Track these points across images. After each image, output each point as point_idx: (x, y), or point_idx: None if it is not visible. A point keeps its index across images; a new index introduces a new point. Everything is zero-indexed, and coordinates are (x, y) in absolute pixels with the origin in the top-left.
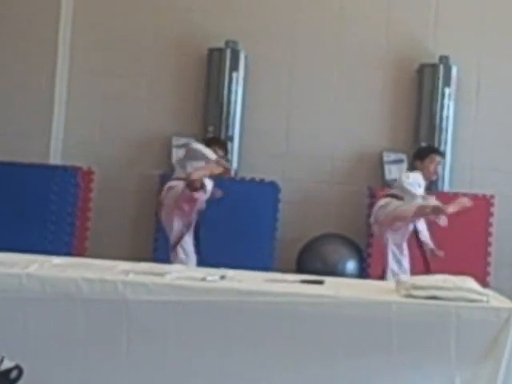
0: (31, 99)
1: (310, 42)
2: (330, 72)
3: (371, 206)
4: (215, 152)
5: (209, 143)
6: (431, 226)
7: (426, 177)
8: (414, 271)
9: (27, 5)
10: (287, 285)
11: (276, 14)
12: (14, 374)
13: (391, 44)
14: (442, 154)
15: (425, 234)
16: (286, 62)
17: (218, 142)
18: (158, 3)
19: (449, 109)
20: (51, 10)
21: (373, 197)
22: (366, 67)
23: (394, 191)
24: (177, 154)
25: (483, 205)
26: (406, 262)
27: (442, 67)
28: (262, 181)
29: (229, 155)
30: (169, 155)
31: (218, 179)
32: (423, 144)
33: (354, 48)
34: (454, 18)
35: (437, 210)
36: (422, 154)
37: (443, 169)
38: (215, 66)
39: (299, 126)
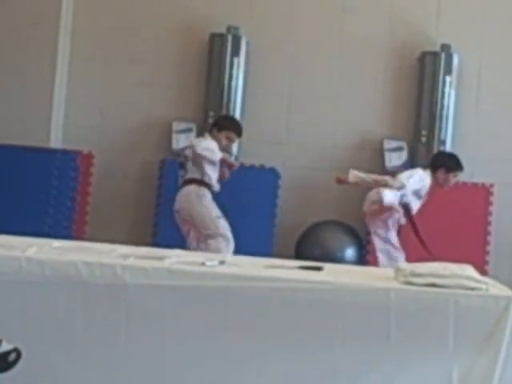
0: (32, 83)
1: (311, 29)
2: (332, 59)
3: None
4: (228, 138)
5: (224, 126)
6: (430, 215)
7: (442, 186)
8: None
9: None
10: (286, 271)
11: (278, 0)
12: (12, 356)
13: (393, 32)
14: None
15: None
16: (288, 49)
17: (233, 126)
18: None
19: (450, 97)
20: None
21: None
22: (367, 55)
23: None
24: (177, 139)
25: (483, 194)
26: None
27: (443, 55)
28: (262, 167)
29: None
30: (169, 141)
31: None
32: (449, 151)
33: (356, 35)
34: (456, 6)
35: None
36: (452, 165)
37: None
38: (216, 51)
39: (300, 113)
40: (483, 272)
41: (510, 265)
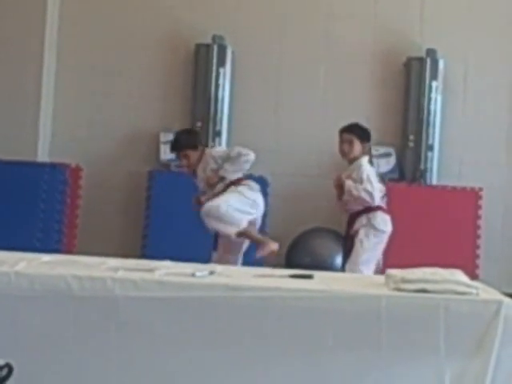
0: (18, 97)
1: (297, 37)
2: (318, 66)
3: None
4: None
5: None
6: (419, 219)
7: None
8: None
9: (14, 3)
10: (276, 279)
11: (262, 8)
12: (4, 372)
13: (378, 38)
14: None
15: None
16: (274, 57)
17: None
18: (144, 0)
19: (436, 102)
20: (38, 9)
21: None
22: (353, 61)
23: None
24: (165, 150)
25: (471, 198)
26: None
27: (429, 61)
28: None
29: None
30: (157, 152)
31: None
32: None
33: (342, 42)
34: (441, 11)
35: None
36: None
37: (431, 162)
38: (202, 61)
39: (287, 121)
40: (474, 276)
41: (500, 268)
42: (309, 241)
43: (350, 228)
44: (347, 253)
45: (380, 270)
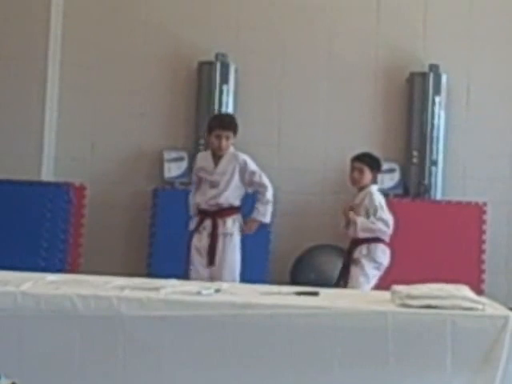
0: (22, 116)
1: (299, 54)
2: (321, 83)
3: None
4: (216, 136)
5: (209, 128)
6: (424, 235)
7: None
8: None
9: (17, 22)
10: (282, 297)
11: (265, 26)
12: None
13: (381, 54)
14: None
15: None
16: (276, 75)
17: (214, 122)
18: (147, 18)
19: (439, 117)
20: (41, 28)
21: None
22: (355, 77)
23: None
24: (169, 168)
25: (476, 212)
26: None
27: (431, 76)
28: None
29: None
30: (161, 170)
31: None
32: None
33: (344, 59)
34: (443, 26)
35: None
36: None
37: (435, 177)
38: (205, 79)
39: (290, 138)
40: (479, 291)
41: (506, 283)
42: (314, 257)
43: (349, 253)
44: (342, 277)
45: None
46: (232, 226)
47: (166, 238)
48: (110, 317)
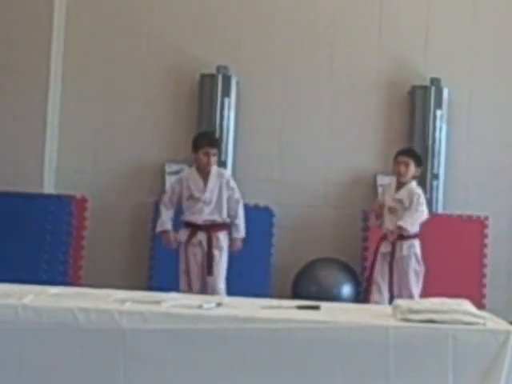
0: (23, 128)
1: (301, 67)
2: (322, 96)
3: (366, 229)
4: (205, 153)
5: (196, 145)
6: (425, 249)
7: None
8: None
9: (19, 34)
10: (283, 311)
11: (266, 38)
12: None
13: (382, 67)
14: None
15: None
16: (278, 87)
17: (203, 139)
18: (149, 31)
19: (441, 131)
20: (43, 39)
21: (367, 220)
22: (357, 90)
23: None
24: (170, 181)
25: (477, 226)
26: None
27: (433, 89)
28: (256, 206)
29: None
30: (162, 182)
31: None
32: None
33: (346, 72)
34: (444, 40)
35: None
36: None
37: (437, 190)
38: (207, 91)
39: (292, 151)
40: (481, 305)
41: (507, 297)
42: (315, 271)
43: (392, 249)
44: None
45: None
46: (224, 239)
47: (167, 250)
48: (111, 330)
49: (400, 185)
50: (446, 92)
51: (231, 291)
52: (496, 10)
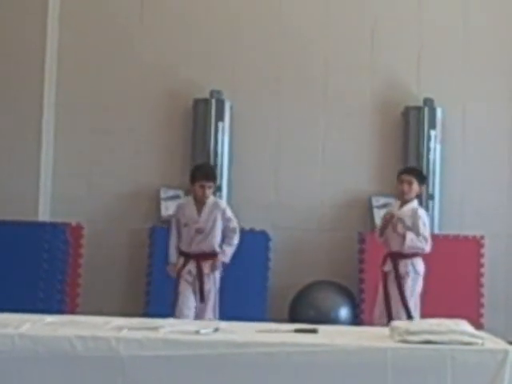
0: (18, 157)
1: (295, 90)
2: (317, 119)
3: (362, 251)
4: (200, 186)
5: (192, 178)
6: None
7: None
8: None
9: (12, 56)
10: (281, 335)
11: (260, 62)
12: None
13: (376, 89)
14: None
15: None
16: (272, 111)
17: (199, 172)
18: (142, 56)
19: (435, 151)
20: (36, 67)
21: (363, 242)
22: (351, 112)
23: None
24: (166, 206)
25: (474, 246)
26: None
27: (426, 110)
28: (251, 230)
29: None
30: (157, 208)
31: None
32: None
33: (340, 94)
34: (437, 60)
35: None
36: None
37: (432, 211)
38: (201, 116)
39: (287, 174)
40: (478, 325)
41: (505, 316)
42: (312, 294)
43: (394, 266)
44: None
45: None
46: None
47: (163, 276)
48: (108, 357)
49: (403, 203)
50: (439, 112)
51: (228, 315)
52: (488, 29)
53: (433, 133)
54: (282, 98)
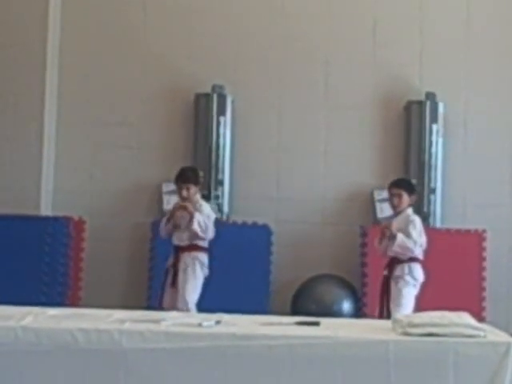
0: (20, 151)
1: (296, 84)
2: (318, 113)
3: (364, 245)
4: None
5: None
6: (424, 263)
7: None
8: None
9: (13, 56)
10: (283, 327)
11: (261, 57)
12: None
13: (378, 83)
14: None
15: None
16: (274, 105)
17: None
18: (144, 51)
19: (437, 145)
20: (38, 61)
21: (365, 236)
22: (353, 106)
23: None
24: (168, 200)
25: (476, 240)
26: None
27: (428, 104)
28: (254, 224)
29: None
30: (160, 202)
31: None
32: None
33: (341, 88)
34: (439, 54)
35: None
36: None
37: (434, 205)
38: (202, 111)
39: (289, 168)
40: (481, 318)
41: (507, 309)
42: (314, 288)
43: (389, 271)
44: (384, 294)
45: None
46: (189, 261)
47: (165, 270)
48: (111, 350)
49: (397, 214)
50: (441, 106)
51: (230, 309)
52: (490, 24)
53: (435, 127)
54: (283, 92)
